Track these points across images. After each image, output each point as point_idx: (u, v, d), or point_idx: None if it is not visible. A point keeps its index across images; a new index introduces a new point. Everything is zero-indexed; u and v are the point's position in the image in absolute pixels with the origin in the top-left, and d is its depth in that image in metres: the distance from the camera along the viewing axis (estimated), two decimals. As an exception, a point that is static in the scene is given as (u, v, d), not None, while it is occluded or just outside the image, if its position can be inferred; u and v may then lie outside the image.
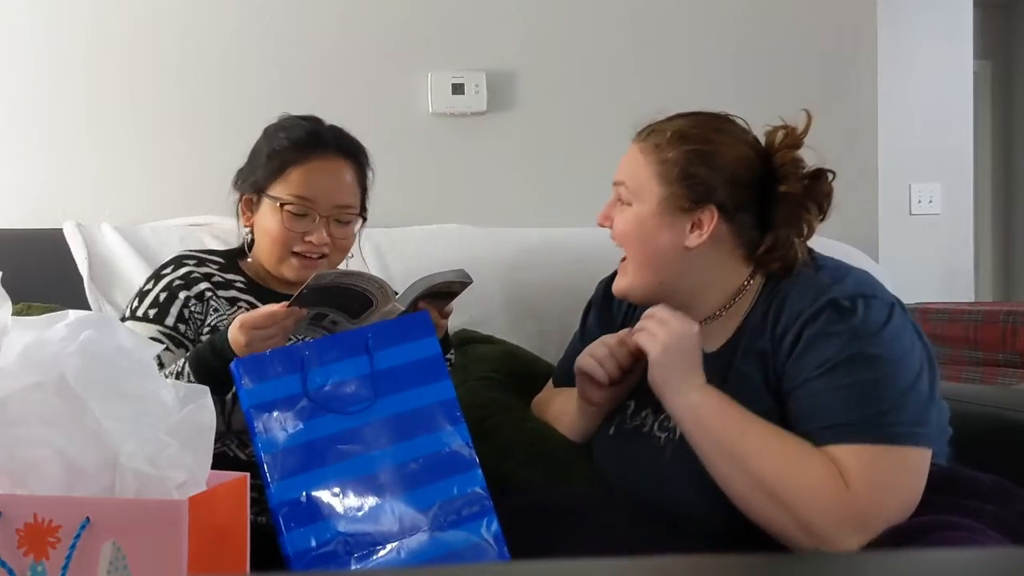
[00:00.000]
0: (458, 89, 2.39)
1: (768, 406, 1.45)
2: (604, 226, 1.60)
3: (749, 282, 1.55)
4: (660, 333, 1.48)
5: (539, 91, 2.45)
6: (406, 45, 2.39)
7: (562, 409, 1.72)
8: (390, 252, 2.11)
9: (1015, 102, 6.10)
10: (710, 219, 1.50)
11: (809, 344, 1.42)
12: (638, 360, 1.55)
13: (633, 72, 2.48)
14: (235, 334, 1.42)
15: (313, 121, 1.69)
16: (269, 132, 1.69)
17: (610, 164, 2.46)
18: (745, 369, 1.49)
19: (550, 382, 1.86)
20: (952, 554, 0.85)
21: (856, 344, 1.41)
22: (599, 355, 1.57)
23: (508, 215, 2.38)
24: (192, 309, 1.61)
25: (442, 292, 1.54)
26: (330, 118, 1.72)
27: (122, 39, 2.27)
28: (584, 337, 1.78)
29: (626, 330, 1.58)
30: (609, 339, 1.59)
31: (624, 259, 1.59)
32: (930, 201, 4.03)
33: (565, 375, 1.80)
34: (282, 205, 1.62)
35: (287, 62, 2.33)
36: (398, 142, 2.34)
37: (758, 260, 1.53)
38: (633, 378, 1.59)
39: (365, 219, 1.72)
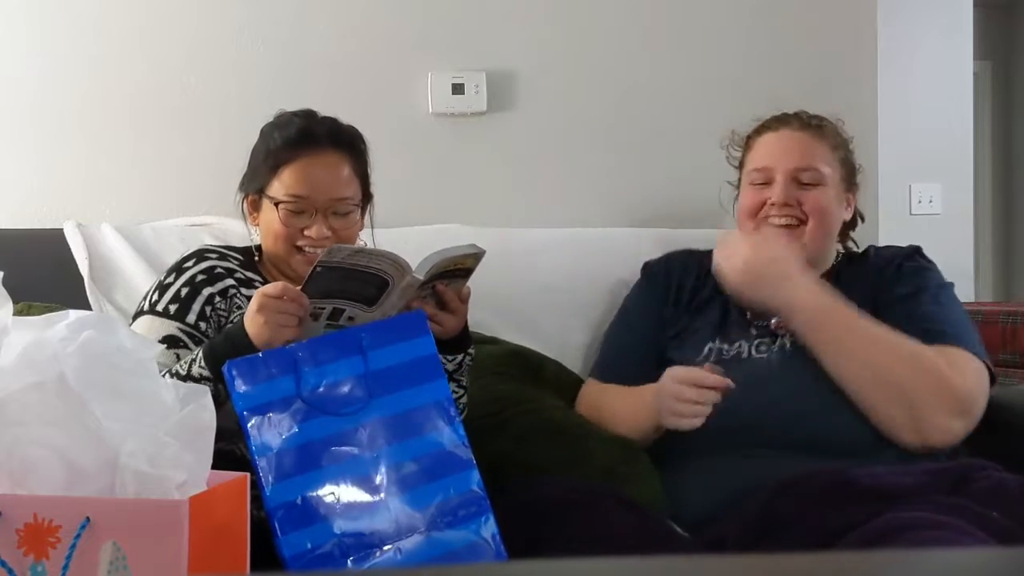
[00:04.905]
0: (458, 89, 2.39)
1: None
2: (789, 205, 1.75)
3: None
4: (738, 250, 1.69)
5: (539, 91, 2.44)
6: (406, 45, 2.39)
7: (616, 411, 1.72)
8: (390, 253, 2.10)
9: (1015, 102, 6.10)
10: (854, 196, 1.84)
11: (910, 272, 1.74)
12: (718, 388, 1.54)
13: (633, 72, 2.48)
14: (251, 303, 1.42)
15: (306, 116, 1.68)
16: (265, 132, 1.70)
17: (610, 164, 2.48)
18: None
19: (590, 380, 1.86)
20: (953, 554, 0.85)
21: (942, 281, 1.74)
22: (686, 397, 1.54)
23: (508, 215, 2.38)
24: (216, 306, 1.61)
25: (456, 271, 1.52)
26: (330, 118, 1.72)
27: (122, 39, 2.27)
28: (630, 322, 1.87)
29: (702, 370, 1.57)
30: (683, 380, 1.56)
31: (795, 225, 1.75)
32: (930, 201, 4.02)
33: (611, 370, 1.83)
34: (277, 204, 1.63)
35: (287, 62, 2.33)
36: (398, 142, 2.33)
37: (843, 232, 1.86)
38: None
39: (370, 199, 1.73)
